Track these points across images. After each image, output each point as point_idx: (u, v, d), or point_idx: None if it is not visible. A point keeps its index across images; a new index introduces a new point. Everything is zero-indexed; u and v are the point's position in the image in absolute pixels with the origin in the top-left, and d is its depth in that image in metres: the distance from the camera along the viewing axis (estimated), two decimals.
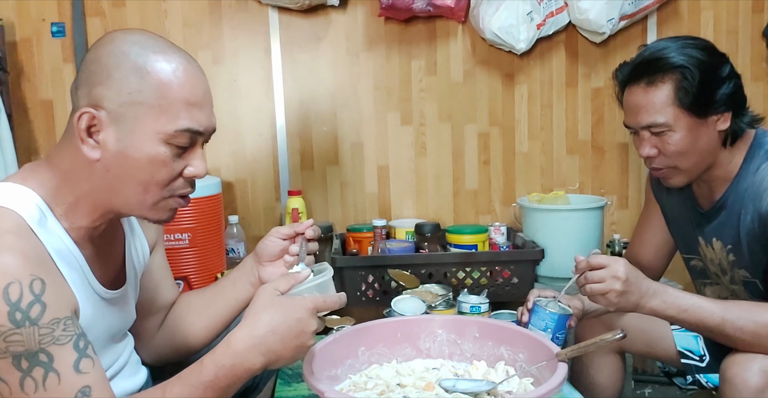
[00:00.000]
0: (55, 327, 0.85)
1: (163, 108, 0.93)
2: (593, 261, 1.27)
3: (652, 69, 1.31)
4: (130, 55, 0.92)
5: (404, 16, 2.35)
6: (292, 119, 2.45)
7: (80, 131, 0.92)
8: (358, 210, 2.51)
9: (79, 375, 0.86)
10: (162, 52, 0.94)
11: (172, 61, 0.94)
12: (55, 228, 0.94)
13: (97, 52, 0.95)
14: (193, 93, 0.95)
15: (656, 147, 1.34)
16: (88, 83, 0.93)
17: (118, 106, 0.92)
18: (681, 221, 1.52)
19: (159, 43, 0.96)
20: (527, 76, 2.51)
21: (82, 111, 0.91)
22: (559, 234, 2.19)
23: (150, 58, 0.93)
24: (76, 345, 0.87)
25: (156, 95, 0.92)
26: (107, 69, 0.92)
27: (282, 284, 1.00)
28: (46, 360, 0.84)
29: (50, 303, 0.85)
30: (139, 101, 0.92)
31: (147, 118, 0.92)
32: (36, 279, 0.84)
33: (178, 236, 2.00)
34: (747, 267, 1.38)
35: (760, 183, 1.31)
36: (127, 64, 0.92)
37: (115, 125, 0.92)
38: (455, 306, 1.58)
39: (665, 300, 1.25)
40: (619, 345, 1.55)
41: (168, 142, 0.94)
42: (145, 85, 0.92)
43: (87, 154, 0.92)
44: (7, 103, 2.22)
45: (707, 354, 1.47)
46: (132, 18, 2.36)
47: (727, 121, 1.32)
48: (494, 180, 2.55)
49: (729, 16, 2.50)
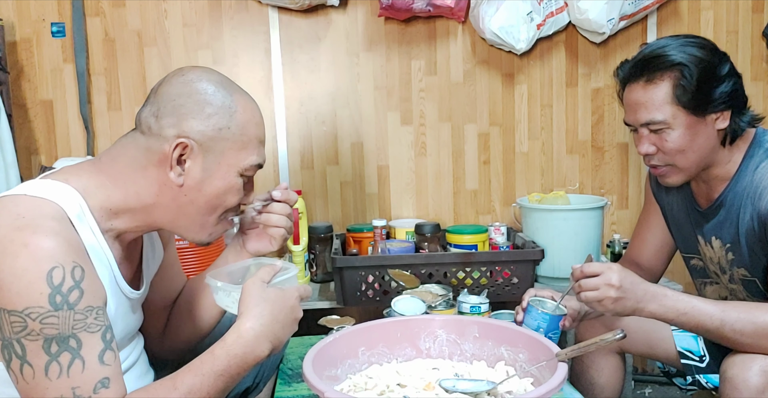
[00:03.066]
0: (88, 314, 0.90)
1: (244, 144, 1.06)
2: (587, 269, 1.27)
3: (651, 67, 1.31)
4: (218, 95, 1.04)
5: (404, 16, 2.35)
6: (292, 119, 2.46)
7: (173, 159, 1.01)
8: (358, 210, 2.51)
9: (102, 366, 0.90)
10: (239, 93, 1.08)
11: (249, 102, 1.08)
12: (92, 225, 0.99)
13: (183, 88, 1.03)
14: (262, 131, 1.10)
15: (655, 144, 1.34)
16: (176, 115, 1.02)
17: (208, 139, 1.02)
18: (680, 220, 1.52)
19: (233, 84, 1.09)
20: (527, 76, 2.51)
21: (179, 141, 1.00)
22: (559, 234, 2.19)
23: (235, 98, 1.06)
24: (104, 335, 0.92)
25: (240, 132, 1.05)
26: (199, 105, 1.02)
27: (265, 276, 1.06)
28: (75, 346, 0.88)
29: (87, 291, 0.90)
30: (226, 137, 1.04)
31: (231, 152, 1.04)
32: (77, 266, 0.90)
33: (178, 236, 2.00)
34: (746, 265, 1.38)
35: (759, 182, 1.31)
36: (217, 102, 1.03)
37: (202, 156, 1.03)
38: (455, 306, 1.58)
39: (663, 304, 1.25)
40: (619, 346, 1.55)
41: (242, 174, 1.07)
42: (233, 123, 1.04)
43: (173, 179, 1.02)
44: (7, 103, 2.22)
45: (707, 355, 1.47)
46: (132, 18, 2.36)
47: (726, 120, 1.32)
48: (494, 180, 2.55)
49: (729, 16, 2.50)
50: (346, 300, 2.01)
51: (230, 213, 1.11)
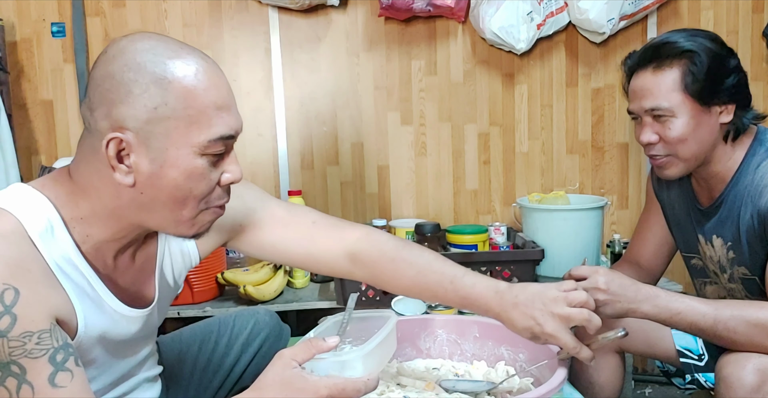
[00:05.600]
0: (27, 340, 0.81)
1: (193, 118, 0.85)
2: (574, 273, 1.27)
3: (661, 53, 1.32)
4: (146, 66, 0.84)
5: (404, 16, 2.35)
6: (292, 119, 2.46)
7: (110, 159, 0.85)
8: (358, 211, 2.51)
9: (54, 389, 0.82)
10: (177, 56, 0.86)
11: (191, 64, 0.86)
12: (62, 239, 0.89)
13: (108, 68, 0.86)
14: (220, 95, 0.88)
15: (657, 133, 1.34)
16: (105, 103, 0.85)
17: (144, 123, 0.84)
18: (681, 219, 1.53)
19: (170, 45, 0.87)
20: (527, 76, 2.51)
21: (110, 137, 0.84)
22: (559, 234, 2.19)
23: (168, 65, 0.85)
24: (53, 358, 0.82)
25: (183, 105, 0.85)
26: (124, 85, 0.84)
27: (300, 353, 0.88)
28: (18, 371, 0.81)
29: (22, 315, 0.80)
30: (166, 115, 0.84)
31: (178, 132, 0.85)
32: (9, 289, 0.80)
33: None
34: (746, 264, 1.38)
35: (760, 180, 1.31)
36: (145, 77, 0.84)
37: (145, 145, 0.85)
38: None
39: (657, 305, 1.23)
40: (619, 345, 1.55)
41: (203, 153, 0.87)
42: (170, 96, 0.84)
43: (120, 181, 0.86)
44: (7, 103, 2.22)
45: (706, 354, 1.47)
46: (132, 18, 2.36)
47: (730, 114, 1.32)
48: (494, 180, 2.55)
49: (729, 16, 2.50)
50: (346, 301, 2.00)
51: (212, 199, 0.92)
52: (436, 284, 1.11)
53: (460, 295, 1.09)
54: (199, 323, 1.42)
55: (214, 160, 0.90)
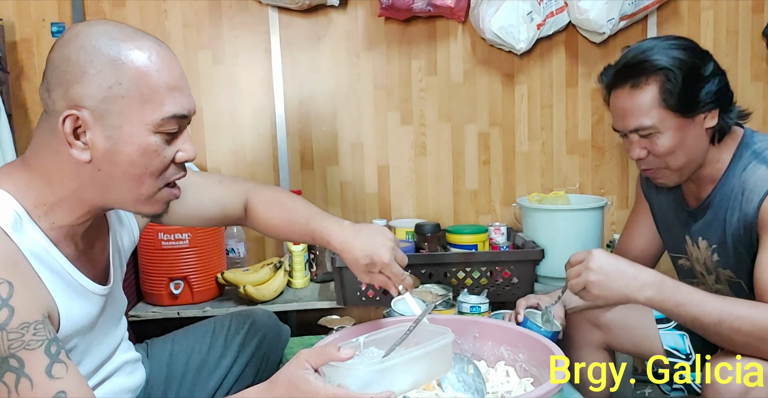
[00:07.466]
0: (25, 332, 0.84)
1: (146, 97, 0.91)
2: (572, 258, 1.28)
3: (635, 72, 1.31)
4: (101, 48, 0.89)
5: (404, 16, 2.35)
6: (292, 119, 2.45)
7: (67, 135, 0.89)
8: (358, 211, 2.51)
9: (52, 381, 0.85)
10: (131, 39, 0.92)
11: (144, 48, 0.92)
12: (31, 230, 0.92)
13: (63, 51, 0.91)
14: (172, 76, 0.94)
15: (646, 148, 1.34)
16: (62, 84, 0.90)
17: (99, 102, 0.89)
18: (669, 220, 1.53)
19: (125, 30, 0.93)
20: (527, 76, 2.51)
21: (66, 114, 0.88)
22: (559, 234, 2.19)
23: (122, 47, 0.90)
24: (48, 350, 0.86)
25: (136, 85, 0.90)
26: (80, 66, 0.89)
27: (314, 357, 0.93)
28: (17, 365, 0.83)
29: (19, 307, 0.83)
30: (120, 94, 0.89)
31: (132, 110, 0.90)
32: (3, 282, 0.83)
33: (178, 236, 2.00)
34: (731, 267, 1.37)
35: (745, 184, 1.31)
36: (100, 58, 0.89)
37: (100, 123, 0.90)
38: (455, 306, 1.58)
39: (662, 292, 1.21)
40: (605, 342, 1.55)
41: (157, 131, 0.93)
42: (124, 77, 0.89)
43: (77, 157, 0.90)
44: (7, 103, 2.22)
45: (693, 353, 1.47)
46: (132, 18, 2.36)
47: (715, 118, 1.32)
48: (494, 180, 2.55)
49: (729, 16, 2.50)
50: (346, 301, 2.01)
51: (167, 175, 0.97)
52: (294, 221, 1.25)
53: (311, 229, 1.22)
54: (192, 325, 1.42)
55: (168, 138, 0.95)
